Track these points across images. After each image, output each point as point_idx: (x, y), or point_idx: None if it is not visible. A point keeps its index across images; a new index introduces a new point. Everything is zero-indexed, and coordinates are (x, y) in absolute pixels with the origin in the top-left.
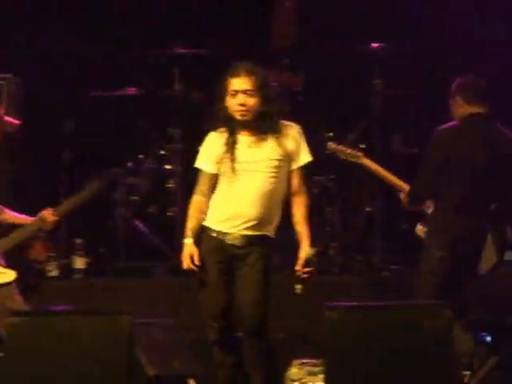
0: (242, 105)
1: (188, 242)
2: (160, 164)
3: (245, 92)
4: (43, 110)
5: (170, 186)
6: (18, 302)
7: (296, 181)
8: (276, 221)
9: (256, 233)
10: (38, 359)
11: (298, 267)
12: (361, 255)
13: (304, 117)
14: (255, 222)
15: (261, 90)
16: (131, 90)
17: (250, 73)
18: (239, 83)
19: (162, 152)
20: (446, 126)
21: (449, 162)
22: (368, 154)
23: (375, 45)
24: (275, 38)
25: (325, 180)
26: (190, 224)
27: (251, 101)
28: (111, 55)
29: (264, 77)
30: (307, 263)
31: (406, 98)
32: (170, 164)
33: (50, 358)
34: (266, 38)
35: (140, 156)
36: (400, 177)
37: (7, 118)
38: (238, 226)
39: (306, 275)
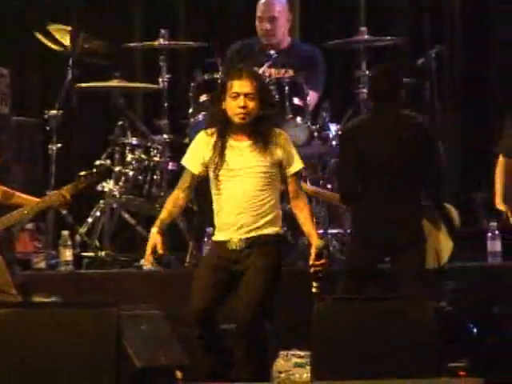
0: (243, 107)
1: (153, 230)
2: (147, 155)
3: (246, 95)
4: (30, 102)
5: (156, 177)
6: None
7: (292, 187)
8: (274, 218)
9: (254, 234)
10: (25, 351)
11: (311, 261)
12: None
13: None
14: (248, 228)
15: (261, 94)
16: (119, 82)
17: (252, 76)
18: (242, 86)
19: (149, 143)
20: (352, 121)
21: (361, 156)
22: None
23: (363, 35)
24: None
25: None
26: (161, 215)
27: (252, 104)
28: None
29: (264, 81)
30: (319, 256)
31: None
32: (157, 156)
33: (37, 351)
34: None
35: (127, 147)
36: None
37: None
38: (232, 233)
39: (320, 268)
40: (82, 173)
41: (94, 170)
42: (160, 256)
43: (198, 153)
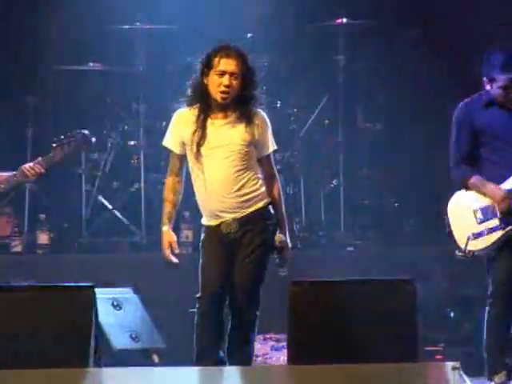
0: (227, 86)
1: (164, 229)
2: (124, 139)
3: (232, 74)
4: (5, 86)
5: (133, 161)
6: None
7: (266, 168)
8: (260, 193)
9: (243, 213)
10: (2, 334)
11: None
12: (324, 230)
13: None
14: (233, 209)
15: (247, 74)
16: (95, 65)
17: (240, 55)
18: (229, 64)
19: (127, 127)
20: None
21: None
22: (332, 128)
23: (340, 20)
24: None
25: (288, 156)
26: (166, 209)
27: (236, 84)
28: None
29: (251, 62)
30: (281, 247)
31: (370, 74)
32: (134, 139)
33: (15, 333)
34: (235, 13)
35: (104, 131)
36: (362, 151)
37: None
38: (220, 217)
39: (283, 256)
40: (55, 143)
41: (71, 139)
42: (176, 255)
43: (177, 132)
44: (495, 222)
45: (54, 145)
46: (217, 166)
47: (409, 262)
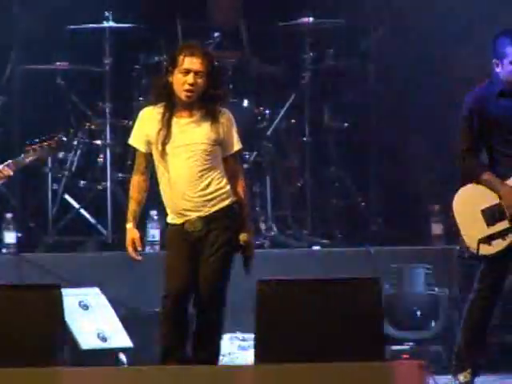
0: (191, 85)
1: (128, 226)
2: (90, 138)
3: (197, 72)
4: None
5: (100, 160)
6: None
7: (231, 167)
8: (225, 192)
9: (208, 212)
10: None
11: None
12: (291, 229)
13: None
14: (198, 207)
15: (212, 73)
16: (62, 65)
17: (205, 54)
18: (193, 63)
19: (93, 126)
20: None
21: None
22: (298, 127)
23: (306, 19)
24: (216, 12)
25: (255, 155)
26: (130, 207)
27: (201, 82)
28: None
29: (216, 60)
30: (246, 246)
31: (338, 73)
32: (101, 138)
33: None
34: (202, 12)
35: (70, 130)
36: (329, 150)
37: None
38: (184, 215)
39: (248, 255)
40: (27, 146)
41: (44, 143)
42: (138, 252)
43: (142, 131)
44: (506, 225)
45: (27, 148)
46: (182, 165)
47: (375, 261)
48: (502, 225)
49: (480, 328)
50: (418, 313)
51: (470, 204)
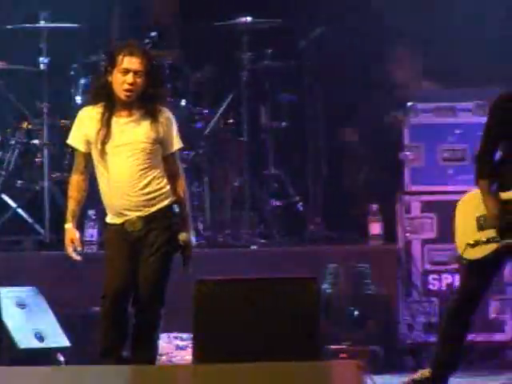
0: (131, 84)
1: (67, 226)
2: (28, 138)
3: (136, 72)
4: None
5: (37, 160)
6: None
7: (171, 166)
8: (165, 192)
9: (147, 211)
10: None
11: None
12: (229, 229)
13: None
14: (138, 207)
15: (151, 72)
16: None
17: (144, 53)
18: (132, 62)
19: (30, 126)
20: None
21: None
22: (236, 127)
23: (244, 19)
24: (155, 12)
25: (192, 155)
26: (69, 206)
27: (140, 82)
28: None
29: (155, 60)
30: (186, 246)
31: (275, 72)
32: (38, 138)
33: None
34: (139, 12)
35: (8, 130)
36: (267, 150)
37: None
38: (124, 215)
39: (187, 255)
40: None
41: None
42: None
43: (81, 130)
44: (492, 233)
45: None
46: (121, 164)
47: (313, 260)
48: (490, 232)
49: (456, 337)
50: (356, 312)
51: (469, 208)
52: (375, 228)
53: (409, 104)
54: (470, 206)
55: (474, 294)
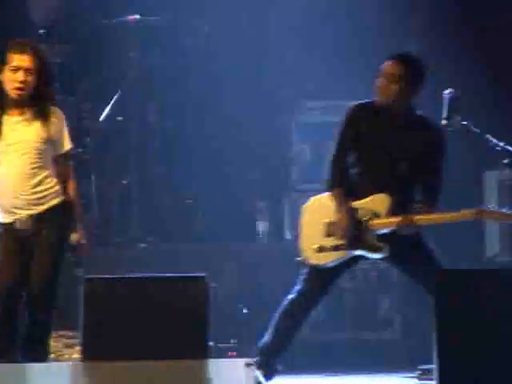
0: (21, 82)
1: None
2: None
3: (27, 70)
4: None
5: None
6: None
7: (62, 166)
8: (56, 190)
9: (38, 210)
10: None
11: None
12: (117, 228)
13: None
14: (28, 205)
15: (42, 70)
16: None
17: (35, 51)
18: (23, 60)
19: None
20: None
21: None
22: (124, 124)
23: (132, 17)
24: (36, 9)
25: (80, 153)
26: None
27: (31, 79)
28: None
29: (46, 57)
30: (78, 241)
31: (163, 71)
32: None
33: None
34: (23, 10)
35: None
36: (155, 148)
37: None
38: (14, 213)
39: (79, 253)
40: None
41: None
42: None
43: None
44: (340, 241)
45: None
46: (13, 163)
47: (202, 258)
48: (338, 240)
49: (287, 332)
50: (245, 310)
51: (318, 212)
52: (262, 226)
53: (297, 102)
54: (319, 209)
55: (311, 297)
